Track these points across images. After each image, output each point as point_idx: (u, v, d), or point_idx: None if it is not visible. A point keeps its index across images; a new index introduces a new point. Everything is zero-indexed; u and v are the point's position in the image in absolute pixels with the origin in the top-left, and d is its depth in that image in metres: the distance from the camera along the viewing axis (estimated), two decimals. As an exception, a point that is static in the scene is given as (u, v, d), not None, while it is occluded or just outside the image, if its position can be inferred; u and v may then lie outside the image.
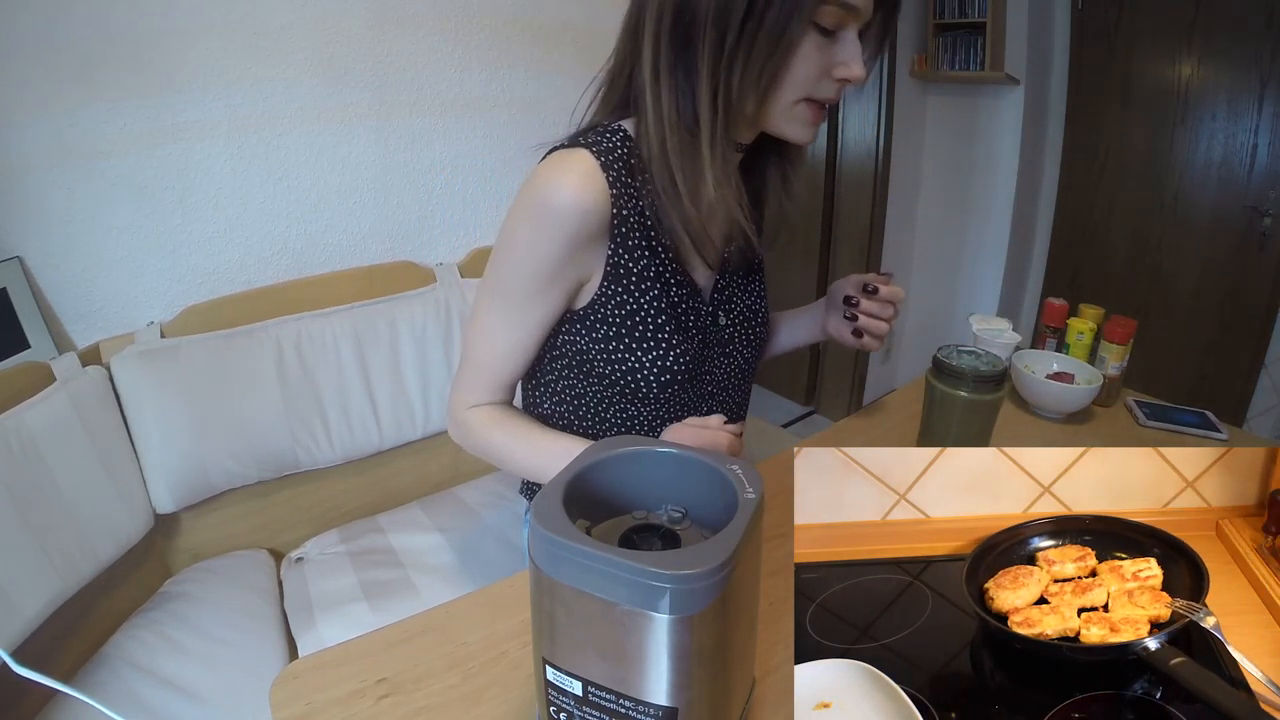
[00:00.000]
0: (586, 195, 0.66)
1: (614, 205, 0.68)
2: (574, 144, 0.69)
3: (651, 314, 0.72)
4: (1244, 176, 2.12)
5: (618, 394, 0.76)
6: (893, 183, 2.59)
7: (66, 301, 1.23)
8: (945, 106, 2.63)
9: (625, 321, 0.72)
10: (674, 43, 0.64)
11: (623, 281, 0.71)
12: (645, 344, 0.73)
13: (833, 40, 0.63)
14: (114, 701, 0.97)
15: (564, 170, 0.66)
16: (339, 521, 1.46)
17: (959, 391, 0.75)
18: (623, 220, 0.69)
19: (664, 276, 0.73)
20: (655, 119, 0.66)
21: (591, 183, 0.66)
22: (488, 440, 0.76)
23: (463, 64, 1.54)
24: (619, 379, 0.75)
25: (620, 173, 0.69)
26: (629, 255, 0.71)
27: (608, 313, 0.72)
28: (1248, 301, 2.18)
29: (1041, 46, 2.42)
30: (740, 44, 0.61)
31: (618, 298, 0.72)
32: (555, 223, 0.66)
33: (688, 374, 0.76)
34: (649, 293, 0.72)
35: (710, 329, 0.80)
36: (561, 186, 0.65)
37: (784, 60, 0.62)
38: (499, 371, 0.76)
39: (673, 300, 0.74)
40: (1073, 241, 2.58)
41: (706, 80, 0.63)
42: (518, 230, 0.69)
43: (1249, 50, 2.03)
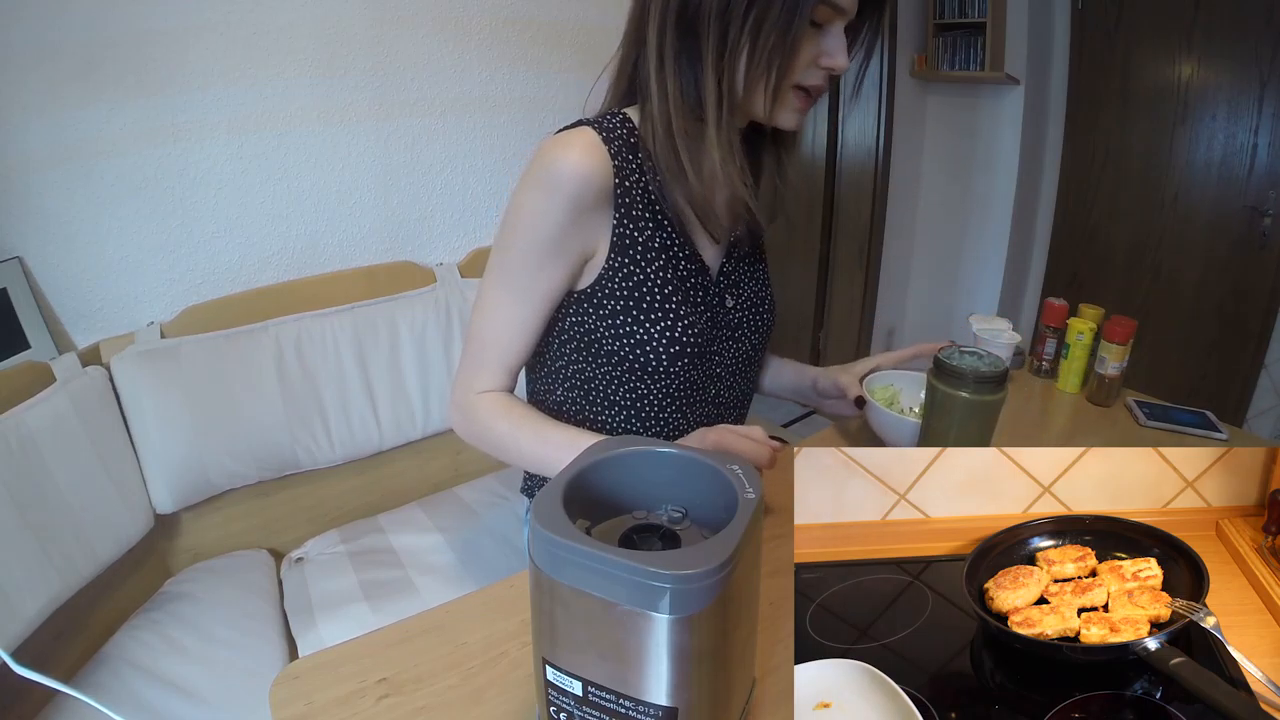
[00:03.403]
0: (589, 162, 0.68)
1: (617, 176, 0.70)
2: (576, 125, 0.72)
3: (659, 284, 0.74)
4: (1244, 176, 2.12)
5: (626, 371, 0.77)
6: (893, 183, 2.59)
7: (66, 301, 1.23)
8: (945, 106, 2.63)
9: (633, 294, 0.73)
10: (679, 32, 0.67)
11: (629, 253, 0.73)
12: (654, 315, 0.74)
13: (821, 33, 0.67)
14: (114, 702, 0.97)
15: (567, 142, 0.69)
16: (339, 521, 1.46)
17: (960, 392, 0.74)
18: (626, 191, 0.72)
19: (670, 249, 0.75)
20: (660, 103, 0.69)
21: (594, 152, 0.69)
22: (491, 428, 0.75)
23: (463, 64, 1.54)
24: (628, 354, 0.75)
25: (622, 148, 0.71)
26: (634, 226, 0.73)
27: (615, 286, 0.73)
28: (1248, 301, 2.18)
29: (1041, 46, 2.42)
30: (744, 36, 0.64)
31: (624, 269, 0.73)
32: (559, 188, 0.68)
33: (697, 349, 0.77)
34: (655, 263, 0.74)
35: (718, 309, 0.81)
36: (565, 155, 0.68)
37: (787, 53, 0.65)
38: (504, 351, 0.76)
39: (680, 274, 0.76)
40: (1073, 241, 2.58)
41: (711, 69, 0.66)
42: (523, 202, 0.70)
43: (1249, 50, 2.03)
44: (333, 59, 1.38)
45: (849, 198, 2.68)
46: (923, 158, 2.73)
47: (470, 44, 1.53)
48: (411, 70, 1.48)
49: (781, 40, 0.64)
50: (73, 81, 1.15)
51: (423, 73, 1.49)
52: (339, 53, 1.39)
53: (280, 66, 1.33)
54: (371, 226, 1.52)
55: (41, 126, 1.14)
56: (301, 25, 1.33)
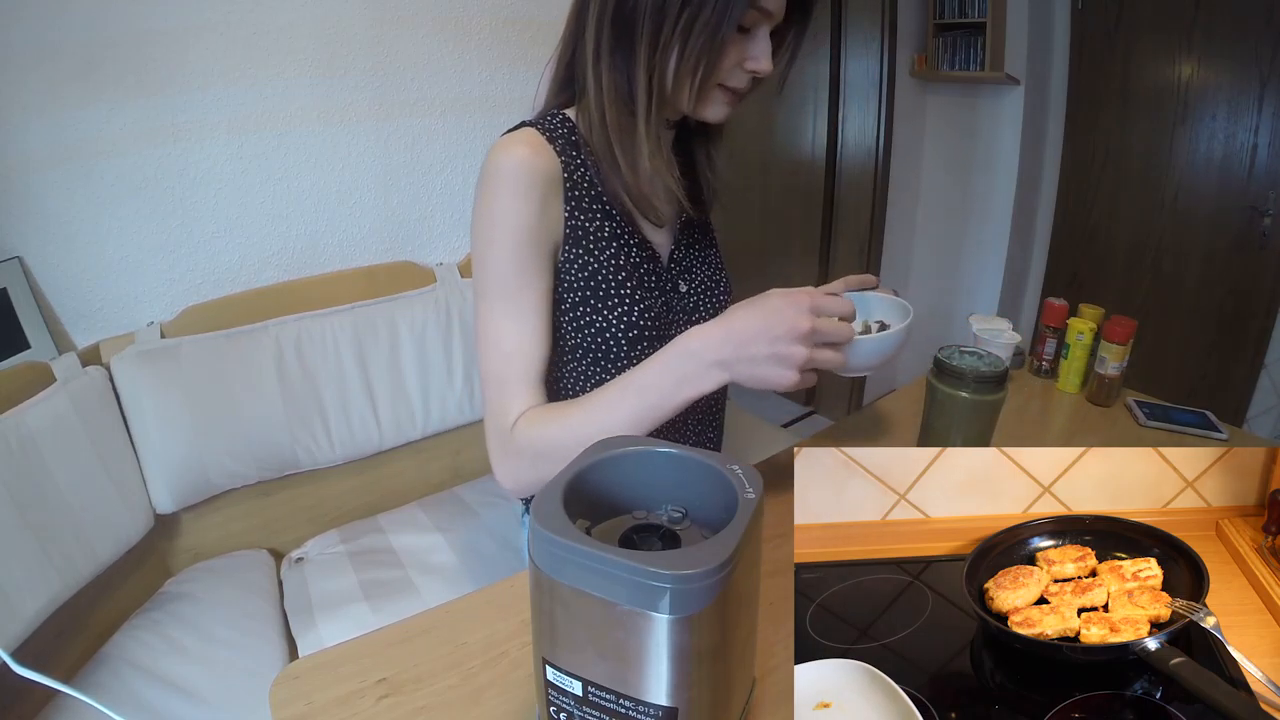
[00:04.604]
0: (537, 157, 0.71)
1: (564, 170, 0.74)
2: (518, 127, 0.76)
3: (612, 271, 0.76)
4: (1244, 176, 2.12)
5: (591, 365, 0.79)
6: (893, 183, 2.59)
7: (66, 301, 1.23)
8: (945, 106, 2.63)
9: (589, 282, 0.76)
10: (615, 28, 0.70)
11: (583, 244, 0.76)
12: (610, 302, 0.76)
13: (747, 37, 0.70)
14: (114, 701, 0.97)
15: (513, 141, 0.72)
16: (339, 521, 1.46)
17: (960, 392, 0.74)
18: (574, 184, 0.75)
19: (621, 238, 0.78)
20: (596, 95, 0.72)
21: (540, 148, 0.72)
22: (542, 437, 0.70)
23: (463, 64, 1.54)
24: (590, 344, 0.78)
25: (565, 145, 0.75)
26: (585, 216, 0.76)
27: (572, 279, 0.76)
28: (1248, 301, 2.18)
29: (1041, 46, 2.42)
30: (675, 36, 0.67)
31: (580, 260, 0.76)
32: (519, 182, 0.70)
33: (654, 332, 0.79)
34: (606, 251, 0.76)
35: (672, 294, 0.84)
36: (515, 151, 0.71)
37: (714, 55, 0.68)
38: (525, 369, 0.73)
39: (632, 261, 0.79)
40: (1073, 241, 2.58)
41: (643, 65, 0.69)
42: (489, 210, 0.72)
43: (1249, 50, 2.03)
44: (333, 59, 1.38)
45: (849, 198, 2.68)
46: (923, 158, 2.73)
47: (470, 44, 1.53)
48: (411, 70, 1.48)
49: (710, 42, 0.66)
50: (73, 81, 1.15)
51: (423, 73, 1.49)
52: (339, 53, 1.39)
53: (280, 66, 1.33)
54: (371, 226, 1.52)
55: (41, 126, 1.14)
56: (301, 25, 1.33)
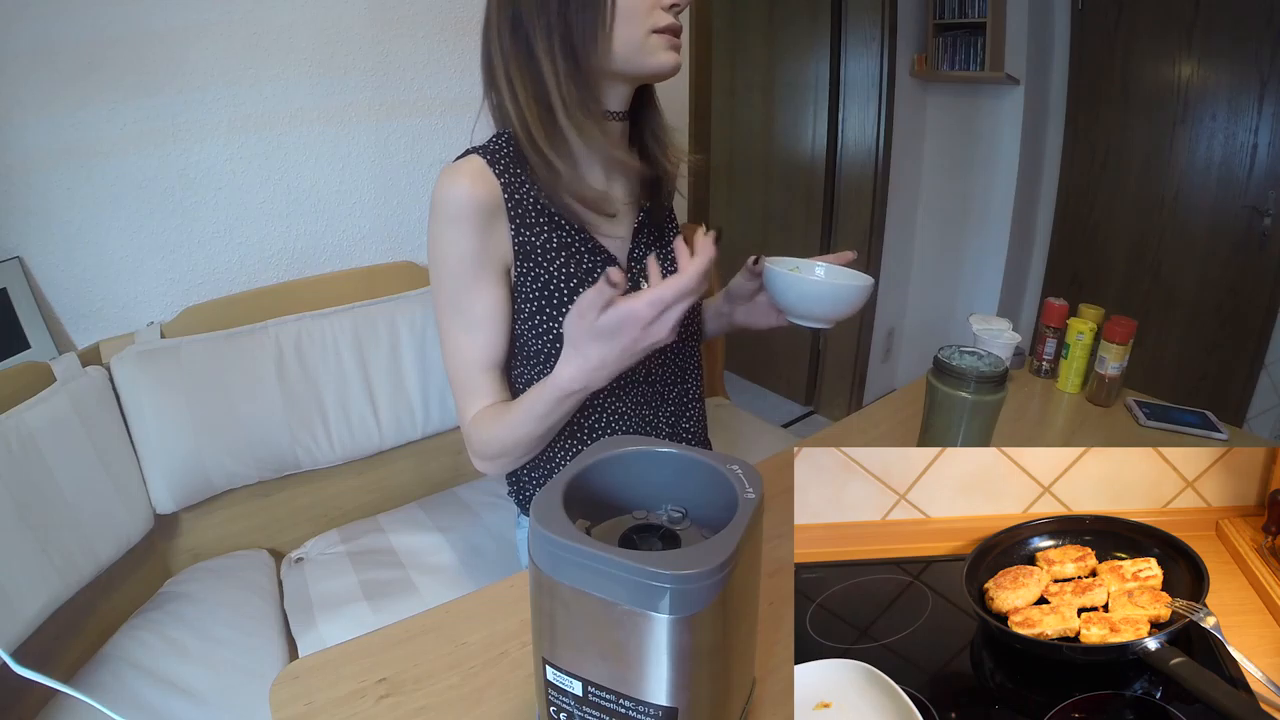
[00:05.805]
0: (477, 187, 0.75)
1: (505, 191, 0.77)
2: (465, 154, 0.80)
3: (563, 279, 0.79)
4: (1244, 176, 2.12)
5: (551, 367, 0.80)
6: (893, 183, 2.59)
7: (66, 301, 1.23)
8: (945, 106, 2.63)
9: (542, 293, 0.79)
10: (512, 33, 0.73)
11: (533, 258, 0.79)
12: (564, 309, 0.79)
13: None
14: (114, 701, 0.97)
15: (455, 173, 0.76)
16: (339, 521, 1.46)
17: (960, 392, 0.75)
18: (517, 203, 0.78)
19: (571, 247, 0.81)
20: (515, 108, 0.75)
21: (480, 176, 0.76)
22: (495, 435, 0.79)
23: (463, 64, 1.54)
24: (548, 348, 0.81)
25: (508, 165, 0.79)
26: (531, 232, 0.79)
27: (526, 290, 0.80)
28: (1248, 301, 2.18)
29: (1041, 46, 2.42)
30: (561, 12, 0.70)
31: (531, 274, 0.79)
32: (459, 216, 0.75)
33: None
34: (555, 261, 0.80)
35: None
36: (455, 184, 0.75)
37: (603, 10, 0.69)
38: (480, 372, 0.81)
39: (585, 267, 0.81)
40: (1073, 241, 2.58)
41: (545, 57, 0.72)
42: (436, 240, 0.77)
43: (1249, 50, 2.03)
44: (333, 59, 1.38)
45: (849, 198, 2.68)
46: (923, 158, 2.73)
47: (470, 44, 1.53)
48: (411, 70, 1.48)
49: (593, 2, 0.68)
50: (73, 81, 1.15)
51: (423, 73, 1.49)
52: (339, 53, 1.39)
53: (280, 66, 1.33)
54: (371, 226, 1.52)
55: (41, 126, 1.14)
56: (301, 25, 1.33)
